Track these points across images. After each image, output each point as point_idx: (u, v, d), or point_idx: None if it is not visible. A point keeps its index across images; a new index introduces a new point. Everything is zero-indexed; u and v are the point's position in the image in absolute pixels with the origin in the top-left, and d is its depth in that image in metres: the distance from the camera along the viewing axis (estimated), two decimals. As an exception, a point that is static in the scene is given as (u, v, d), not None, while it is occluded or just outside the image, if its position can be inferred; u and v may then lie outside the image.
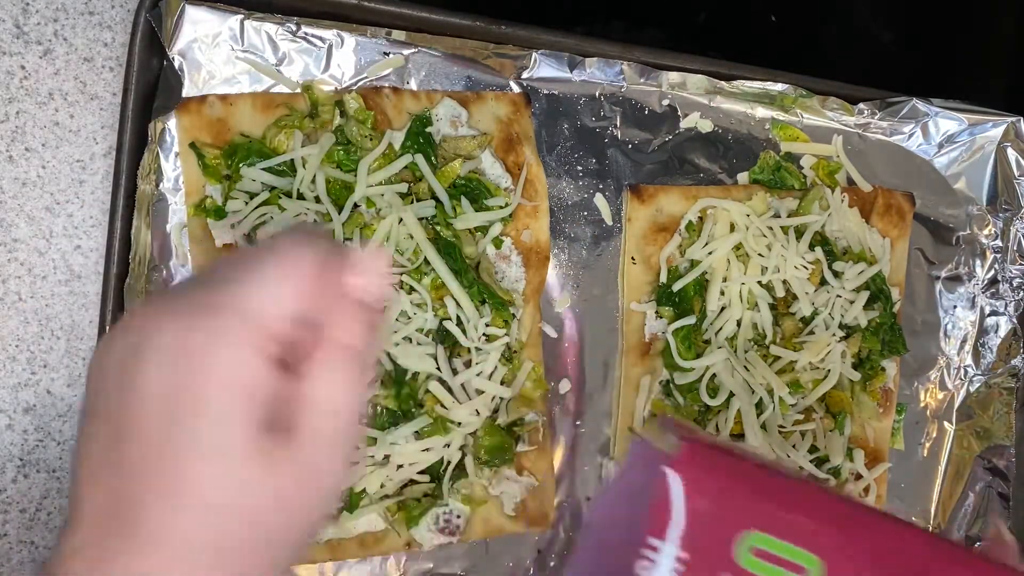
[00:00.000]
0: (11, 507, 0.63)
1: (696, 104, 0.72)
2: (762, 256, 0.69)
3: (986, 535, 0.77)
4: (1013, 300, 0.79)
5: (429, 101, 0.66)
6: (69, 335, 0.64)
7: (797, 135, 0.74)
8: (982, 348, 0.78)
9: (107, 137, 0.65)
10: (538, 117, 0.69)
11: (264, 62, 0.63)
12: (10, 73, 0.63)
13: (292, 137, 0.62)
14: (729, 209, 0.69)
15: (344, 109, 0.64)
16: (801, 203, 0.72)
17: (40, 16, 0.63)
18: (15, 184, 0.63)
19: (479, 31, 0.67)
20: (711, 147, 0.72)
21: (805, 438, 0.69)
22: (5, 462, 0.63)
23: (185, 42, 0.62)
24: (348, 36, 0.64)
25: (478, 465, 0.64)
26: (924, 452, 0.77)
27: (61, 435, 0.64)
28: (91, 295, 0.64)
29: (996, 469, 0.78)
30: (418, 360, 0.62)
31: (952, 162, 0.78)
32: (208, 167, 0.61)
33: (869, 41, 0.87)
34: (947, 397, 0.78)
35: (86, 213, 0.64)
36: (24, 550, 0.63)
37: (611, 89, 0.70)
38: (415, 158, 0.64)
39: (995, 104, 0.78)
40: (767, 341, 0.69)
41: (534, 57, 0.68)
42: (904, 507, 0.76)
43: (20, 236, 0.63)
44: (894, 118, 0.75)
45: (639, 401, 0.69)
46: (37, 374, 0.63)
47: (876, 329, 0.72)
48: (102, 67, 0.65)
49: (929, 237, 0.78)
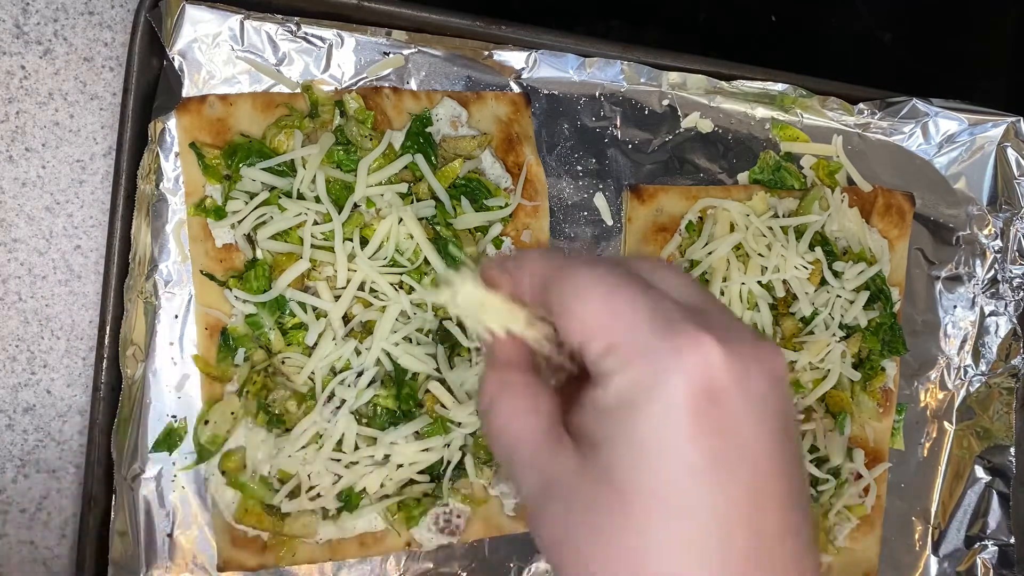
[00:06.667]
0: (11, 507, 0.63)
1: (696, 104, 0.72)
2: (762, 256, 0.69)
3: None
4: (1013, 300, 0.79)
5: (429, 101, 0.66)
6: (69, 335, 0.64)
7: (797, 135, 0.74)
8: (982, 348, 0.78)
9: (107, 137, 0.64)
10: (538, 117, 0.69)
11: (264, 62, 0.63)
12: (10, 73, 0.63)
13: (292, 137, 0.62)
14: (729, 209, 0.69)
15: (344, 109, 0.64)
16: (801, 203, 0.72)
17: (40, 16, 0.63)
18: (15, 184, 0.63)
19: (479, 31, 0.67)
20: (711, 147, 0.72)
21: (805, 438, 0.70)
22: (5, 462, 0.63)
23: (185, 42, 0.62)
24: (348, 36, 0.64)
25: (478, 465, 0.65)
26: (924, 452, 0.77)
27: (61, 435, 0.64)
28: (91, 295, 0.64)
29: (996, 469, 0.78)
30: (418, 360, 0.62)
31: (952, 162, 0.78)
32: (208, 167, 0.61)
33: (869, 41, 0.87)
34: (947, 397, 0.78)
35: (86, 213, 0.64)
36: (24, 550, 0.63)
37: (611, 89, 0.70)
38: (415, 158, 0.64)
39: (995, 104, 0.78)
40: (767, 341, 0.69)
41: (534, 57, 0.68)
42: (904, 507, 0.76)
43: (20, 236, 0.63)
44: (894, 118, 0.76)
45: (639, 401, 0.69)
46: (37, 374, 0.63)
47: (876, 329, 0.72)
48: (102, 67, 0.65)
49: (929, 237, 0.78)
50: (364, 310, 0.62)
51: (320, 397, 0.61)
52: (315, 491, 0.61)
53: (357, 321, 0.62)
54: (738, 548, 0.33)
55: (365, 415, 0.62)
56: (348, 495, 0.62)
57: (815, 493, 0.70)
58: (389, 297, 0.62)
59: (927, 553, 0.77)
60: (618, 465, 0.34)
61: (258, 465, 0.61)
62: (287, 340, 0.62)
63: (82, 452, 0.63)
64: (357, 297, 0.62)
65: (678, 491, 0.33)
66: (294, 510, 0.61)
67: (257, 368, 0.61)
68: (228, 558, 0.61)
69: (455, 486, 0.65)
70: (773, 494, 0.34)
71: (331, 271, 0.62)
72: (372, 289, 0.62)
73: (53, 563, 0.64)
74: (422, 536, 0.64)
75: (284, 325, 0.62)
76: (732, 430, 0.33)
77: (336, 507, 0.62)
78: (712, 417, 0.33)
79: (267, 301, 0.61)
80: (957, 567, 0.77)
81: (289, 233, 0.61)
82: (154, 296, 0.61)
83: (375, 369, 0.62)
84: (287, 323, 0.61)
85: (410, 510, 0.63)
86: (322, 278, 0.62)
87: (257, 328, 0.61)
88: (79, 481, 0.64)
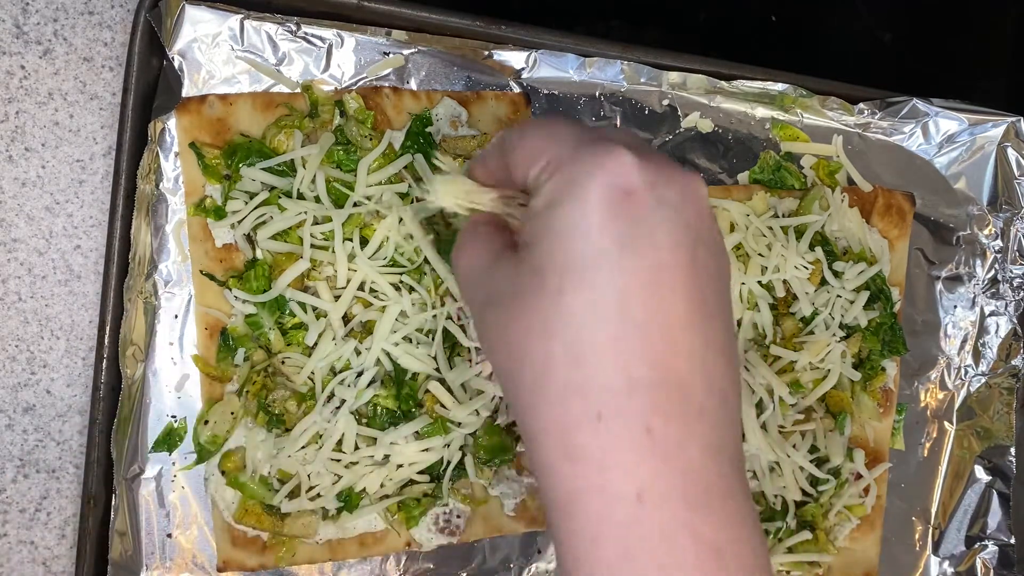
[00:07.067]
0: (11, 507, 0.63)
1: (696, 104, 0.72)
2: (762, 256, 0.69)
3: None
4: (1013, 300, 0.79)
5: (429, 101, 0.66)
6: (69, 335, 0.64)
7: (797, 135, 0.74)
8: (982, 348, 0.78)
9: (107, 137, 0.65)
10: (538, 117, 0.69)
11: (264, 62, 0.63)
12: (10, 73, 0.63)
13: (292, 137, 0.62)
14: (729, 209, 0.69)
15: (344, 109, 0.64)
16: (801, 203, 0.72)
17: (40, 16, 0.63)
18: (15, 184, 0.63)
19: (479, 31, 0.67)
20: (711, 147, 0.72)
21: (805, 438, 0.70)
22: (5, 462, 0.63)
23: (185, 42, 0.62)
24: (348, 36, 0.64)
25: (478, 465, 0.65)
26: (924, 452, 0.77)
27: (61, 435, 0.64)
28: (91, 295, 0.64)
29: (996, 469, 0.78)
30: (418, 360, 0.62)
31: (952, 162, 0.78)
32: (208, 167, 0.61)
33: (869, 41, 0.87)
34: (947, 397, 0.78)
35: (86, 213, 0.64)
36: (24, 550, 0.63)
37: (611, 89, 0.70)
38: (415, 158, 0.64)
39: (995, 104, 0.78)
40: (767, 341, 0.69)
41: (534, 57, 0.68)
42: (904, 507, 0.76)
43: (20, 236, 0.63)
44: (894, 118, 0.75)
45: (639, 401, 0.69)
46: (37, 374, 0.63)
47: (876, 329, 0.72)
48: (102, 67, 0.65)
49: (929, 237, 0.78)
50: (364, 310, 0.62)
51: (320, 397, 0.61)
52: (315, 491, 0.61)
53: (357, 321, 0.62)
54: (635, 318, 0.37)
55: (365, 415, 0.62)
56: (348, 495, 0.62)
57: (815, 493, 0.70)
58: (389, 297, 0.62)
59: (927, 553, 0.77)
60: (539, 253, 0.39)
61: (258, 465, 0.61)
62: (287, 340, 0.62)
63: (82, 452, 0.63)
64: (357, 297, 0.62)
65: (587, 266, 0.37)
66: (294, 510, 0.61)
67: (257, 368, 0.61)
68: (228, 558, 0.61)
69: (455, 486, 0.65)
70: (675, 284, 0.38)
71: (331, 271, 0.62)
72: (372, 289, 0.62)
73: (53, 563, 0.64)
74: (422, 536, 0.64)
75: (284, 325, 0.62)
76: (641, 223, 0.38)
77: (336, 507, 0.62)
78: (623, 209, 0.37)
79: (267, 301, 0.61)
80: (957, 567, 0.77)
81: (289, 233, 0.61)
82: (154, 296, 0.61)
83: (375, 369, 0.62)
84: (287, 323, 0.61)
85: (410, 510, 0.63)
86: (322, 278, 0.62)
87: (257, 328, 0.61)
88: (79, 481, 0.64)
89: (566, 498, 0.38)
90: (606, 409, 0.37)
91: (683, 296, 0.38)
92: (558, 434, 0.38)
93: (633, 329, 0.37)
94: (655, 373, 0.37)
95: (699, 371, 0.38)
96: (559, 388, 0.38)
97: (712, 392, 0.39)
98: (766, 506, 0.69)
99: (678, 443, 0.37)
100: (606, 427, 0.37)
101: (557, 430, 0.38)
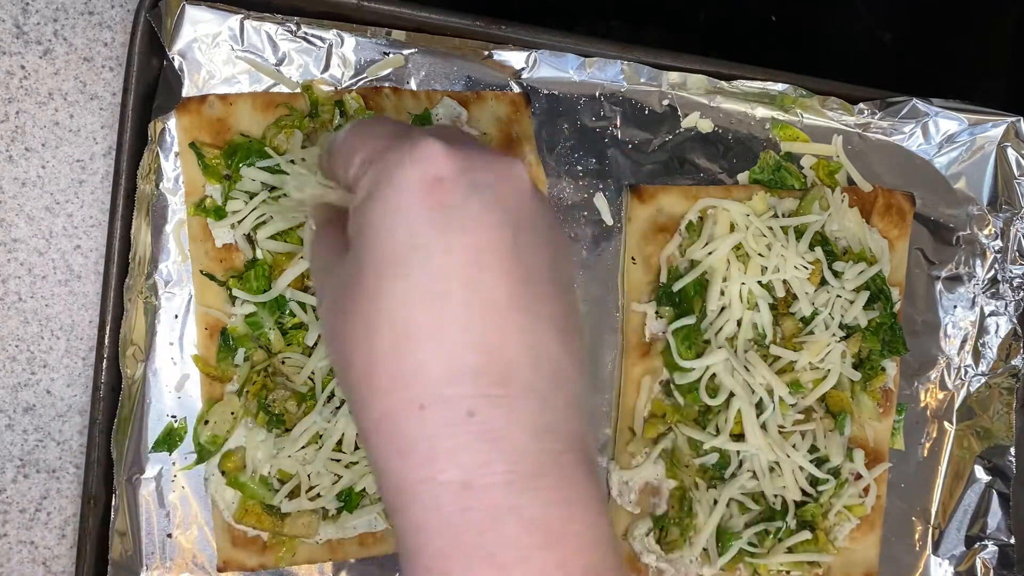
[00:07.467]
0: (11, 507, 0.63)
1: (696, 104, 0.72)
2: (762, 256, 0.69)
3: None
4: (1013, 300, 0.79)
5: (429, 101, 0.66)
6: (69, 335, 0.64)
7: (797, 135, 0.74)
8: (982, 348, 0.78)
9: (107, 137, 0.65)
10: (538, 117, 0.69)
11: (264, 62, 0.63)
12: (10, 73, 0.63)
13: (292, 137, 0.62)
14: (729, 209, 0.69)
15: (344, 109, 0.64)
16: (801, 203, 0.72)
17: (40, 16, 0.63)
18: (15, 184, 0.63)
19: (479, 31, 0.67)
20: (711, 147, 0.72)
21: (805, 438, 0.69)
22: (5, 462, 0.63)
23: (185, 42, 0.62)
24: (348, 36, 0.64)
25: (478, 465, 0.64)
26: (924, 452, 0.77)
27: (61, 435, 0.64)
28: (91, 295, 0.64)
29: (996, 469, 0.78)
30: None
31: (952, 162, 0.78)
32: (208, 167, 0.61)
33: (869, 41, 0.87)
34: (947, 397, 0.78)
35: (86, 213, 0.64)
36: (24, 550, 0.63)
37: (611, 89, 0.70)
38: (415, 158, 0.63)
39: (995, 104, 0.78)
40: (767, 341, 0.69)
41: (534, 57, 0.68)
42: (904, 507, 0.76)
43: (20, 236, 0.63)
44: (894, 118, 0.75)
45: (639, 401, 0.69)
46: (37, 374, 0.63)
47: (876, 329, 0.72)
48: (102, 67, 0.65)
49: (929, 237, 0.78)
50: (364, 310, 0.62)
51: (320, 397, 0.61)
52: (315, 491, 0.61)
53: (357, 321, 0.62)
54: (454, 302, 0.37)
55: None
56: (348, 495, 0.62)
57: (815, 493, 0.70)
58: (389, 297, 0.62)
59: (927, 553, 0.77)
60: (359, 247, 0.39)
61: (258, 465, 0.61)
62: (287, 340, 0.62)
63: (82, 452, 0.63)
64: (357, 297, 0.62)
65: (401, 255, 0.37)
66: (294, 510, 0.61)
67: (257, 368, 0.61)
68: (228, 558, 0.61)
69: (455, 486, 0.64)
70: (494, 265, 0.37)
71: (331, 271, 0.62)
72: (372, 289, 0.62)
73: (53, 563, 0.64)
74: (422, 536, 0.64)
75: (284, 325, 0.62)
76: (454, 208, 0.38)
77: (336, 507, 0.62)
78: (434, 196, 0.38)
79: (267, 301, 0.61)
80: (957, 567, 0.77)
81: (289, 233, 0.61)
82: (154, 296, 0.61)
83: None
84: (287, 323, 0.61)
85: (410, 510, 0.63)
86: (322, 278, 0.62)
87: (257, 328, 0.61)
88: (79, 481, 0.64)
89: (399, 494, 0.38)
90: (428, 398, 0.36)
91: (504, 277, 0.37)
92: (388, 430, 0.37)
93: (452, 313, 0.37)
94: (478, 356, 0.37)
95: (525, 352, 0.37)
96: (385, 382, 0.37)
97: (541, 372, 0.38)
98: (766, 506, 0.69)
99: (503, 426, 0.37)
100: (430, 416, 0.36)
101: (387, 426, 0.37)
